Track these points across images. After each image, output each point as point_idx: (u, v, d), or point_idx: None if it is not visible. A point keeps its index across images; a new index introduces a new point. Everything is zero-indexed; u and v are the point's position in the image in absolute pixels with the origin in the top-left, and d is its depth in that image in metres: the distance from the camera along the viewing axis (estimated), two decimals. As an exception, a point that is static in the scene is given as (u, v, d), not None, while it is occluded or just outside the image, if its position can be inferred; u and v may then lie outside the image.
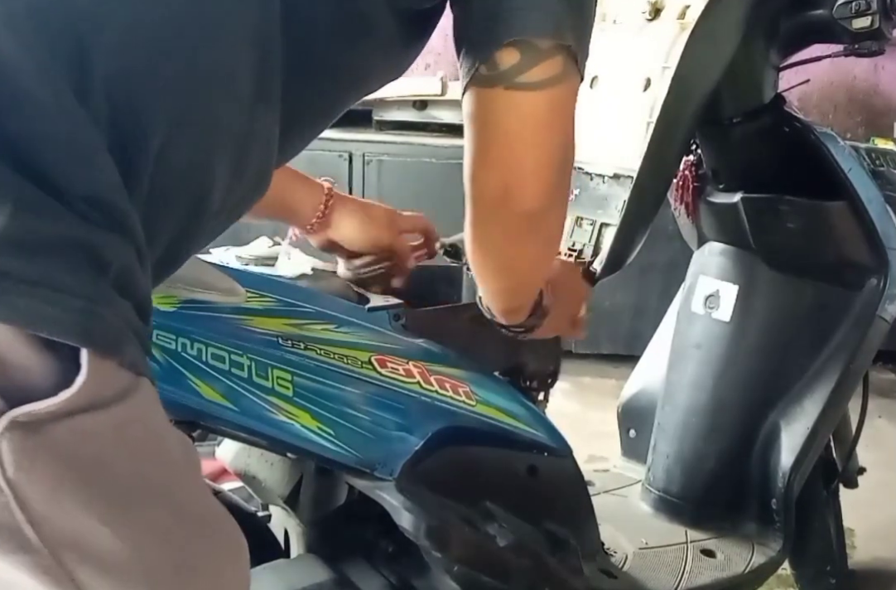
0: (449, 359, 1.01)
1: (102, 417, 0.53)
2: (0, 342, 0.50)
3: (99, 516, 0.53)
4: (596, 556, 1.19)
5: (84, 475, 0.53)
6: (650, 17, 1.19)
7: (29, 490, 0.50)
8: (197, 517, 0.60)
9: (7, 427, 0.49)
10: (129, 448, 0.55)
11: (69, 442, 0.52)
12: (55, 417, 0.50)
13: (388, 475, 0.96)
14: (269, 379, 0.89)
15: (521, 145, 0.77)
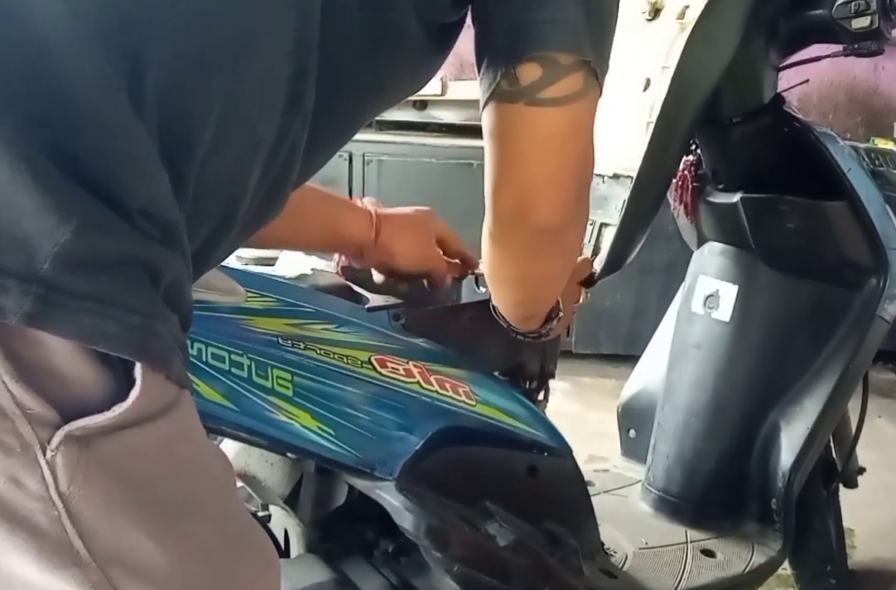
0: (449, 359, 1.01)
1: (151, 431, 0.53)
2: (60, 357, 0.50)
3: (147, 530, 0.53)
4: (596, 556, 1.19)
5: (133, 490, 0.53)
6: (650, 18, 1.19)
7: (81, 504, 0.50)
8: (234, 531, 0.61)
9: (62, 441, 0.50)
10: (175, 462, 0.56)
11: (120, 456, 0.52)
12: (107, 431, 0.51)
13: (389, 475, 0.96)
14: (269, 379, 0.89)
15: (539, 161, 0.77)
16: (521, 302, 0.95)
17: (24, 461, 0.49)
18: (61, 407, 0.50)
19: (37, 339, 0.49)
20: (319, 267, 1.05)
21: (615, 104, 1.21)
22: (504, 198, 0.80)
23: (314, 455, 0.95)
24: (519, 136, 0.76)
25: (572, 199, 0.80)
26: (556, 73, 0.72)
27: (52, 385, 0.50)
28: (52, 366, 0.50)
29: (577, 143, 0.77)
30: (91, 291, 0.50)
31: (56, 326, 0.49)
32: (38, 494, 0.50)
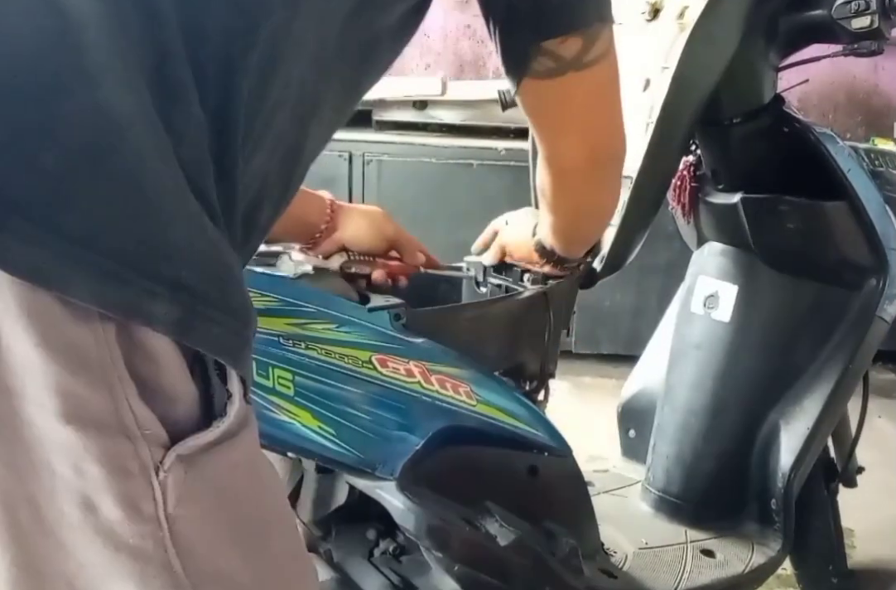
0: (449, 359, 1.01)
1: (238, 446, 0.53)
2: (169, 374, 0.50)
3: (236, 548, 0.53)
4: (596, 556, 1.19)
5: (228, 507, 0.53)
6: (649, 18, 1.19)
7: (182, 525, 0.50)
8: (295, 544, 0.61)
9: (173, 462, 0.49)
10: (257, 477, 0.56)
11: (218, 473, 0.52)
12: (206, 448, 0.51)
13: (389, 475, 0.96)
14: (269, 378, 0.90)
15: (600, 109, 0.89)
16: (587, 236, 1.09)
17: (141, 484, 0.49)
18: (169, 426, 0.50)
19: (152, 354, 0.49)
20: (320, 266, 1.05)
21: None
22: (575, 150, 0.90)
23: (315, 455, 0.95)
24: (575, 97, 0.86)
25: (623, 124, 0.92)
26: (592, 38, 0.82)
27: (163, 403, 0.50)
28: (162, 383, 0.49)
29: (618, 80, 0.90)
30: (220, 301, 0.50)
31: (193, 336, 0.49)
32: (150, 516, 0.49)
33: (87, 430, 0.47)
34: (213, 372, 0.52)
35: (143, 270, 0.47)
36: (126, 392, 0.48)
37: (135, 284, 0.47)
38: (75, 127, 0.46)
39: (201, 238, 0.50)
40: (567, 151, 0.91)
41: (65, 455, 0.47)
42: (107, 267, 0.46)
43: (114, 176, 0.47)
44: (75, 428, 0.46)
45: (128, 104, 0.48)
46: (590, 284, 1.21)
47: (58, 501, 0.48)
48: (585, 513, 1.16)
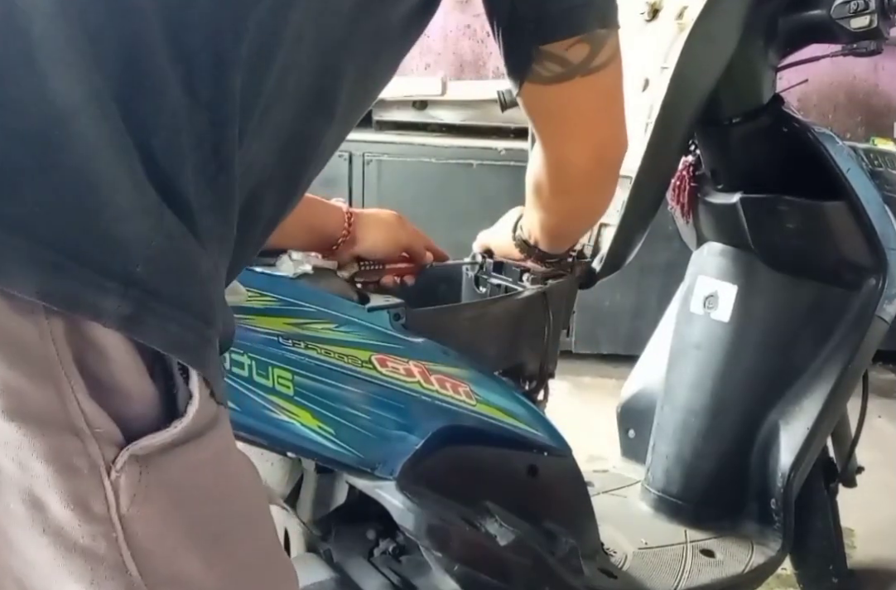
0: (449, 358, 1.01)
1: (201, 447, 0.52)
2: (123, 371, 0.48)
3: (196, 549, 0.52)
4: (596, 556, 1.19)
5: (188, 508, 0.52)
6: (648, 18, 1.19)
7: (138, 526, 0.49)
8: (267, 544, 0.60)
9: (126, 461, 0.48)
10: (224, 478, 0.55)
11: (177, 474, 0.51)
12: (164, 448, 0.50)
13: (389, 475, 0.96)
14: (269, 378, 0.90)
15: (605, 114, 0.90)
16: (573, 234, 1.11)
17: (90, 483, 0.47)
18: (124, 425, 0.49)
19: (105, 351, 0.48)
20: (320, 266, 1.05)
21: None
22: (581, 153, 0.91)
23: (314, 455, 0.95)
24: (581, 102, 0.87)
25: (626, 129, 0.93)
26: (599, 44, 0.83)
27: (117, 401, 0.48)
28: (115, 380, 0.48)
29: (622, 86, 0.90)
30: (176, 298, 0.49)
31: (146, 333, 0.48)
32: (102, 516, 0.48)
33: (30, 426, 0.46)
34: (176, 371, 0.51)
35: (90, 263, 0.46)
36: (74, 388, 0.47)
37: (79, 276, 0.46)
38: (18, 114, 0.46)
39: (158, 232, 0.49)
40: (570, 155, 0.92)
41: (9, 451, 0.46)
42: (49, 258, 0.45)
43: (56, 166, 0.46)
44: (18, 424, 0.46)
45: (75, 94, 0.47)
46: (590, 284, 1.21)
47: (4, 497, 0.47)
48: (585, 513, 1.16)
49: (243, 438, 0.96)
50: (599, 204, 1.04)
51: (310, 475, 1.12)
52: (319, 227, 1.05)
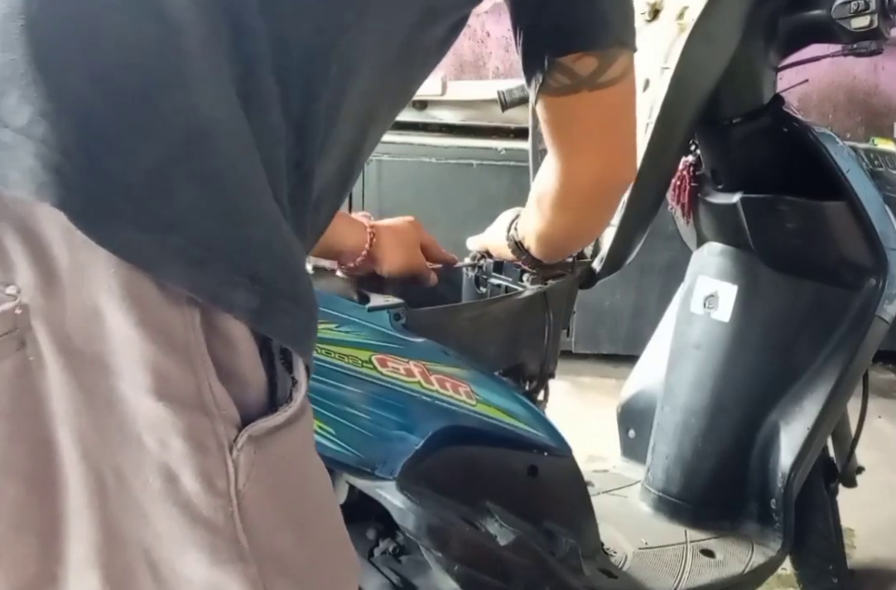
0: (449, 359, 1.01)
1: (298, 431, 0.56)
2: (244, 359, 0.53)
3: (293, 528, 0.56)
4: (596, 556, 1.19)
5: (288, 488, 0.56)
6: (649, 18, 1.19)
7: (251, 502, 0.53)
8: (341, 531, 0.63)
9: (245, 442, 0.52)
10: (313, 461, 0.59)
11: (282, 455, 0.55)
12: (272, 431, 0.54)
13: (389, 475, 0.96)
14: (269, 378, 0.90)
15: (612, 131, 0.90)
16: (570, 248, 1.11)
17: (217, 460, 0.52)
18: (242, 408, 0.53)
19: (231, 340, 0.52)
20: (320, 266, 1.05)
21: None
22: (587, 171, 0.92)
23: (314, 455, 0.95)
24: (589, 116, 0.87)
25: (636, 152, 0.94)
26: (609, 60, 0.83)
27: (237, 386, 0.53)
28: (237, 367, 0.53)
29: (633, 107, 0.90)
30: (291, 293, 0.54)
31: (269, 324, 0.53)
32: (223, 491, 0.52)
33: (175, 406, 0.50)
34: (278, 360, 0.56)
35: (227, 260, 0.51)
36: (207, 373, 0.51)
37: (220, 272, 0.51)
38: (170, 128, 0.50)
39: (277, 236, 0.54)
40: (578, 169, 0.92)
41: (153, 429, 0.51)
42: (198, 254, 0.50)
43: (201, 175, 0.51)
44: (165, 404, 0.50)
45: (217, 110, 0.52)
46: (589, 284, 1.21)
47: (143, 472, 0.51)
48: (585, 513, 1.16)
49: (243, 438, 0.96)
50: (596, 225, 1.04)
51: (310, 475, 1.12)
52: (340, 241, 1.06)
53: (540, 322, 1.12)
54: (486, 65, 3.24)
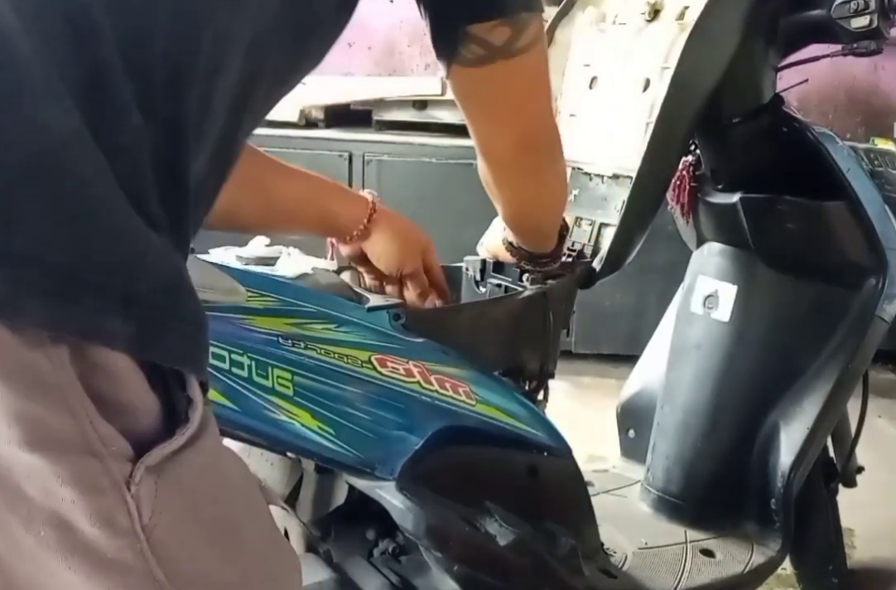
0: (449, 359, 1.01)
1: (201, 449, 0.53)
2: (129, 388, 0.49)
3: (215, 548, 0.54)
4: (596, 556, 1.19)
5: (201, 510, 0.53)
6: (649, 18, 1.19)
7: (160, 533, 0.50)
8: (273, 535, 0.61)
9: (143, 474, 0.49)
10: (224, 476, 0.56)
11: (187, 479, 0.52)
12: (171, 456, 0.51)
13: (389, 475, 0.96)
14: (269, 378, 0.90)
15: (529, 98, 0.89)
16: (537, 226, 1.08)
17: (113, 500, 0.49)
18: (133, 439, 0.50)
19: (110, 371, 0.48)
20: (320, 267, 1.05)
21: (615, 104, 1.21)
22: (507, 137, 0.91)
23: (314, 455, 0.95)
24: (506, 85, 0.87)
25: (553, 119, 0.94)
26: (521, 27, 0.82)
27: (125, 418, 0.50)
28: (121, 398, 0.49)
29: (547, 69, 0.90)
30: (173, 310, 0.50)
31: (151, 350, 0.49)
32: (126, 529, 0.49)
33: (53, 453, 0.47)
34: (172, 380, 0.52)
35: (93, 287, 0.47)
36: (87, 412, 0.47)
37: (86, 302, 0.46)
38: (10, 144, 0.45)
39: (148, 250, 0.50)
40: (497, 140, 0.92)
41: (35, 481, 0.47)
42: (55, 287, 0.45)
43: (53, 194, 0.46)
44: (41, 454, 0.46)
45: (63, 122, 0.47)
46: (589, 284, 1.21)
47: (34, 525, 0.48)
48: (585, 513, 1.16)
49: (243, 438, 0.96)
50: (545, 194, 1.02)
51: (309, 475, 1.12)
52: (333, 215, 1.04)
53: (540, 322, 1.12)
54: (486, 65, 3.24)
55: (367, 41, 3.21)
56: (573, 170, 1.27)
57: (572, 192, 1.27)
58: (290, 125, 2.78)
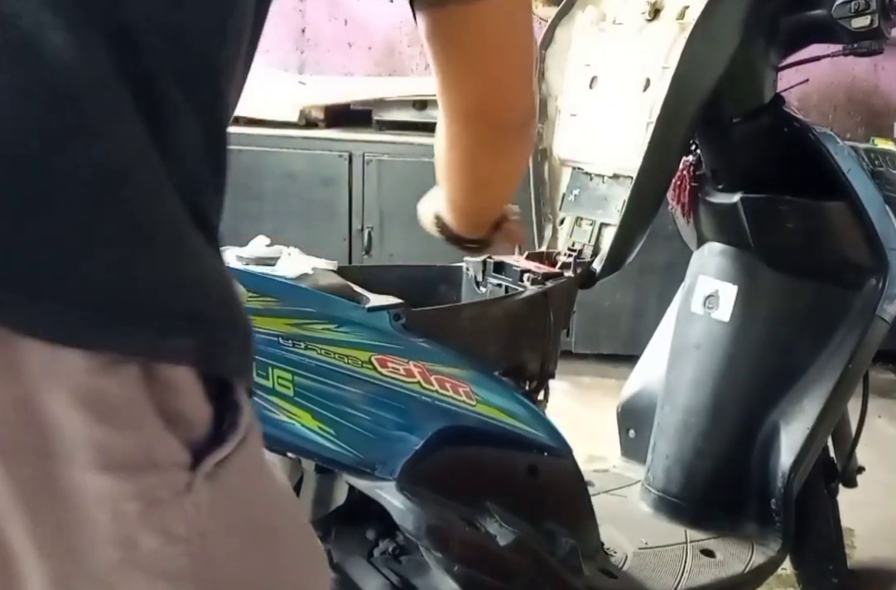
0: (449, 359, 1.01)
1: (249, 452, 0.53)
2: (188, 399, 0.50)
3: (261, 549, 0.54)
4: (596, 556, 1.19)
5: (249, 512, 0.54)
6: (649, 18, 1.19)
7: (214, 538, 0.51)
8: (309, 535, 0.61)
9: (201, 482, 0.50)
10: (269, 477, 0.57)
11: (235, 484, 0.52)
12: (223, 461, 0.51)
13: (389, 475, 0.96)
14: (269, 379, 0.90)
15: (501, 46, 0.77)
16: (477, 211, 0.97)
17: (174, 510, 0.49)
18: (191, 447, 0.50)
19: (175, 386, 0.49)
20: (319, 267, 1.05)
21: (615, 104, 1.21)
22: (466, 97, 0.80)
23: (314, 455, 0.95)
24: (463, 36, 0.76)
25: (531, 88, 0.80)
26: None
27: (187, 430, 0.50)
28: (184, 410, 0.50)
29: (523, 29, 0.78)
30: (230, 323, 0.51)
31: (216, 364, 0.50)
32: (184, 536, 0.50)
33: (122, 474, 0.47)
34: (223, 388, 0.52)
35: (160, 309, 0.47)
36: (155, 429, 0.48)
37: (153, 324, 0.47)
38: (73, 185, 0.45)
39: (207, 266, 0.50)
40: (453, 99, 0.80)
41: (103, 503, 0.47)
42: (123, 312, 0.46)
43: (119, 227, 0.46)
44: (111, 476, 0.47)
45: (125, 148, 0.47)
46: (590, 284, 1.21)
47: (99, 547, 0.48)
48: (585, 513, 1.16)
49: (243, 438, 0.95)
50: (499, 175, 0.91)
51: (310, 476, 1.12)
52: None
53: (540, 322, 1.12)
54: (486, 64, 3.24)
55: (367, 41, 3.21)
56: (573, 170, 1.27)
57: (573, 191, 1.27)
58: (290, 125, 2.78)
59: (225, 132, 0.55)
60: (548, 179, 1.31)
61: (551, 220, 1.30)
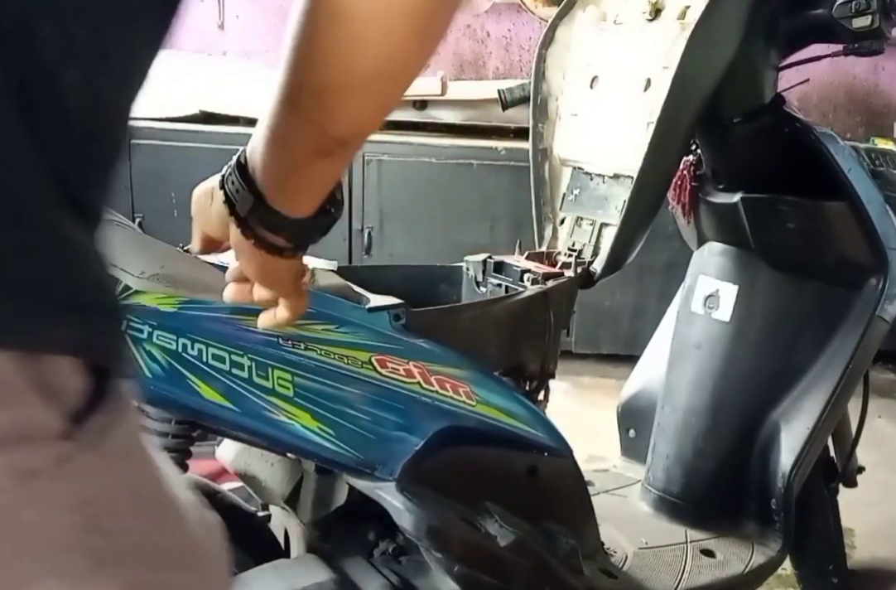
0: (449, 359, 1.01)
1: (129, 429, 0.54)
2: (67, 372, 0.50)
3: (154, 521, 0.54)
4: (596, 556, 1.19)
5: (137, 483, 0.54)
6: (650, 18, 1.19)
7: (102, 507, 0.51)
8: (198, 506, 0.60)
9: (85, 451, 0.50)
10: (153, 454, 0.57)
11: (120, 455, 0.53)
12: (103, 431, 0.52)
13: (389, 475, 0.96)
14: (269, 379, 0.89)
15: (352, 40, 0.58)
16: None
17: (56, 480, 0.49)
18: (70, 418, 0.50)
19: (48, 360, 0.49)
20: (320, 267, 1.05)
21: (616, 104, 1.21)
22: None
23: (314, 455, 0.95)
24: None
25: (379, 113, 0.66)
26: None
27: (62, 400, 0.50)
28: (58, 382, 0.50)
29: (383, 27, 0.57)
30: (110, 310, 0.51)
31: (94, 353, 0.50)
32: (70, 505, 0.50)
33: None
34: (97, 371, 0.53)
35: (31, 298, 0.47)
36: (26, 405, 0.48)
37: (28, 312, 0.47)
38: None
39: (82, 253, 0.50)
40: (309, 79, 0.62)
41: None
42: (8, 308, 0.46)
43: None
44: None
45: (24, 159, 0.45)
46: (590, 284, 1.21)
47: None
48: (585, 513, 1.16)
49: (243, 438, 0.96)
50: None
51: (310, 476, 1.12)
52: None
53: (540, 322, 1.12)
54: (485, 65, 3.24)
55: (366, 41, 3.21)
56: (574, 169, 1.27)
57: (573, 191, 1.27)
58: (290, 125, 2.78)
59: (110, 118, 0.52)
60: (548, 178, 1.31)
61: (551, 220, 1.30)
